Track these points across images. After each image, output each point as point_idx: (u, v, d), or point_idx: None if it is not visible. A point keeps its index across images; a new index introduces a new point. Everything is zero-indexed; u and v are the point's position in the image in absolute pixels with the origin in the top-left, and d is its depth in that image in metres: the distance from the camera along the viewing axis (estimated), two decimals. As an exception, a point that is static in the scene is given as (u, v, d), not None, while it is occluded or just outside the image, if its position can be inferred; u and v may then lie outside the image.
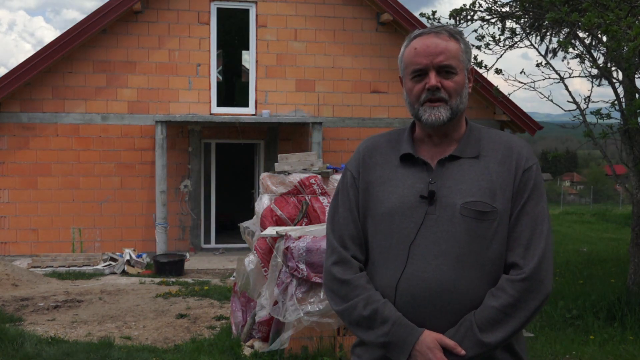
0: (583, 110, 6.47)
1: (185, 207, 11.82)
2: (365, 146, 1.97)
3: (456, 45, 1.82)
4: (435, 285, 1.72)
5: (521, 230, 1.75)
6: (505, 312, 1.69)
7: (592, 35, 6.76)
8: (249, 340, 5.23)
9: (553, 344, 5.44)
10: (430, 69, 1.79)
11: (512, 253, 1.75)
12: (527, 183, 1.78)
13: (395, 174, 1.86)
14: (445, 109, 1.80)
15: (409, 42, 1.86)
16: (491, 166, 1.80)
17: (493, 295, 1.71)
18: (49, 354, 5.05)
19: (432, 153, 1.86)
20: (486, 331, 1.68)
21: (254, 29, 11.90)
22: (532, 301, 1.71)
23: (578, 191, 58.02)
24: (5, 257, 10.75)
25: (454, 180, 1.79)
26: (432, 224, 1.76)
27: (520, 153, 1.82)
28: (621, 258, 9.99)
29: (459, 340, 1.69)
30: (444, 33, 1.82)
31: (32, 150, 11.26)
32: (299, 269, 4.73)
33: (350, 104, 12.19)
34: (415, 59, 1.81)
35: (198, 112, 11.66)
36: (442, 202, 1.77)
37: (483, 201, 1.75)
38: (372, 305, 1.76)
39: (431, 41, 1.80)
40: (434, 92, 1.79)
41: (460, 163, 1.81)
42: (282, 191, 6.05)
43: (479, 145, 1.84)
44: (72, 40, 10.85)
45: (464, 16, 7.37)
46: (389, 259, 1.79)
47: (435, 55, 1.78)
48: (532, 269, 1.71)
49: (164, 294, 7.78)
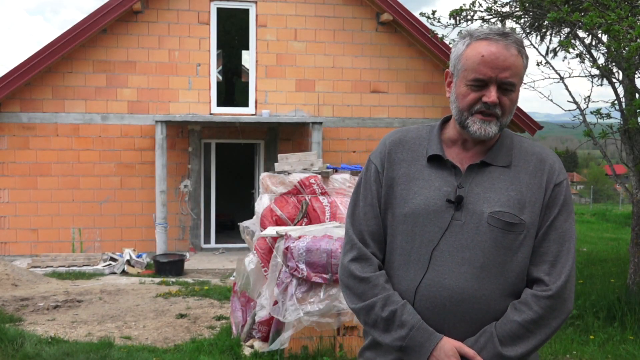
0: (583, 110, 6.47)
1: (185, 207, 11.81)
2: (392, 140, 1.88)
3: (522, 61, 1.74)
4: (456, 293, 1.68)
5: (548, 246, 1.72)
6: (527, 327, 1.66)
7: (593, 35, 6.76)
8: (249, 340, 5.22)
9: (553, 344, 5.44)
10: (493, 83, 1.70)
11: (537, 268, 1.72)
12: (558, 198, 1.75)
13: (421, 173, 1.80)
14: (496, 124, 1.74)
15: (473, 41, 1.75)
16: (522, 177, 1.76)
17: (516, 310, 1.68)
18: (49, 354, 5.05)
19: (462, 157, 1.80)
20: (506, 344, 1.66)
21: (254, 29, 11.90)
22: (554, 320, 1.69)
23: (578, 191, 58.02)
24: (5, 257, 10.75)
25: (483, 188, 1.74)
26: (458, 231, 1.71)
27: (552, 167, 1.78)
28: (621, 258, 9.99)
29: (478, 350, 1.66)
30: (514, 46, 1.71)
31: (32, 150, 11.26)
32: (299, 269, 4.72)
33: (350, 104, 12.19)
34: (479, 67, 1.70)
35: (198, 112, 11.66)
36: (469, 208, 1.72)
37: (511, 212, 1.71)
38: (390, 307, 1.72)
39: (500, 52, 1.70)
40: (489, 107, 1.71)
41: (491, 170, 1.77)
42: (282, 191, 6.04)
43: (510, 154, 1.79)
44: (72, 40, 10.85)
45: (464, 16, 7.37)
46: (410, 262, 1.75)
47: (501, 70, 1.69)
48: (559, 288, 1.68)
49: (164, 294, 7.78)
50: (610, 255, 10.97)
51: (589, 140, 6.32)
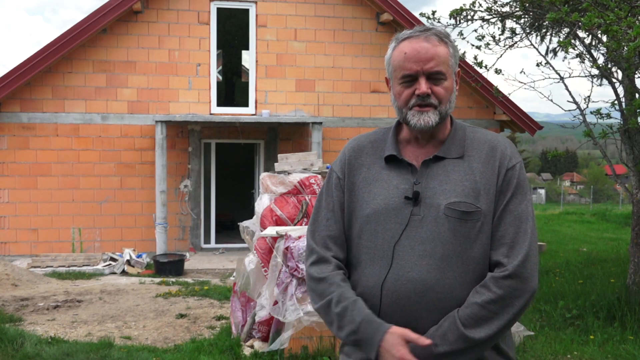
0: (583, 110, 6.47)
1: (185, 207, 11.82)
2: (350, 147, 1.97)
3: (445, 49, 1.81)
4: (420, 284, 1.73)
5: (505, 229, 1.76)
6: (488, 308, 1.69)
7: (592, 35, 6.76)
8: (249, 340, 5.22)
9: (553, 344, 5.44)
10: (421, 75, 1.78)
11: (496, 252, 1.76)
12: (510, 182, 1.79)
13: (380, 175, 1.87)
14: (434, 114, 1.80)
15: (397, 43, 1.86)
16: (475, 166, 1.81)
17: (477, 292, 1.72)
18: (49, 354, 5.05)
19: (417, 154, 1.87)
20: (469, 326, 1.68)
21: (254, 29, 11.90)
22: (517, 299, 1.71)
23: (578, 191, 58.06)
24: (5, 257, 10.75)
25: (438, 181, 1.80)
26: (417, 225, 1.77)
27: (503, 152, 1.82)
28: (621, 258, 9.99)
29: (441, 334, 1.69)
30: (433, 37, 1.80)
31: (32, 150, 11.26)
32: (299, 268, 4.73)
33: (350, 104, 12.20)
34: (404, 64, 1.80)
35: (198, 112, 11.66)
36: (426, 202, 1.78)
37: (467, 201, 1.76)
38: (343, 303, 1.77)
39: (421, 46, 1.79)
40: (423, 98, 1.79)
41: (445, 164, 1.82)
42: (282, 191, 6.04)
43: (463, 146, 1.85)
44: (72, 40, 10.85)
45: (464, 16, 7.37)
46: (375, 259, 1.80)
47: (425, 62, 1.77)
48: (516, 267, 1.71)
49: (164, 294, 7.78)
50: (610, 255, 10.97)
51: (589, 140, 6.32)
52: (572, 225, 20.20)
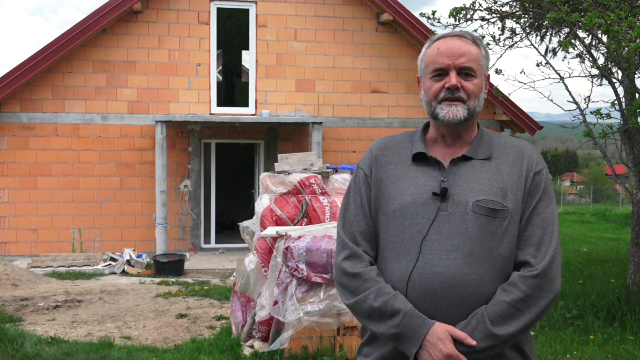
0: (583, 110, 6.47)
1: (185, 207, 11.82)
2: (378, 145, 2.01)
3: (477, 50, 1.88)
4: (447, 278, 1.75)
5: (533, 231, 1.80)
6: (516, 306, 1.73)
7: (593, 35, 6.76)
8: (249, 340, 5.22)
9: (553, 344, 5.44)
10: (452, 69, 1.85)
11: (523, 252, 1.80)
12: (539, 185, 1.84)
13: (407, 172, 1.90)
14: (463, 108, 1.85)
15: (432, 43, 1.92)
16: (502, 168, 1.86)
17: (505, 290, 1.75)
18: (49, 354, 5.05)
19: (444, 153, 1.91)
20: (497, 324, 1.71)
21: (254, 29, 11.90)
22: (542, 298, 1.75)
23: (578, 191, 58.04)
24: (5, 257, 10.75)
25: (466, 180, 1.84)
26: (444, 220, 1.80)
27: (530, 156, 1.88)
28: (621, 258, 9.99)
29: (469, 331, 1.72)
30: (467, 37, 1.89)
31: (32, 150, 11.26)
32: (299, 268, 4.72)
33: (350, 104, 12.19)
34: (437, 58, 1.86)
35: (198, 112, 11.66)
36: (454, 199, 1.81)
37: (494, 199, 1.80)
38: (383, 297, 1.78)
39: (454, 43, 1.86)
40: (453, 92, 1.84)
41: (472, 164, 1.87)
42: (282, 191, 6.04)
43: (490, 148, 1.90)
44: (72, 40, 10.85)
45: (464, 15, 7.36)
46: (401, 254, 1.82)
47: (457, 57, 1.84)
48: (544, 267, 1.76)
49: (164, 294, 7.78)
50: (610, 255, 10.97)
51: (589, 140, 6.32)
52: (572, 225, 20.20)
